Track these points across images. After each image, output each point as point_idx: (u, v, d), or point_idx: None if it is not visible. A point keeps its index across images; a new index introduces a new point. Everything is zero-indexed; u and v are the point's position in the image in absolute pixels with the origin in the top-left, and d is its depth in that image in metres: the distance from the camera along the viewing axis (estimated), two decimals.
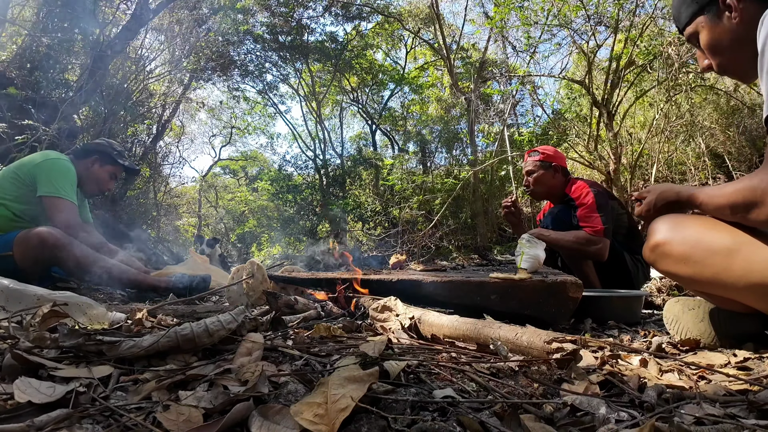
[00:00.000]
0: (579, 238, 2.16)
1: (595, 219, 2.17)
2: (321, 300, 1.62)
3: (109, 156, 2.49)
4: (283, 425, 0.53)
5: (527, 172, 2.52)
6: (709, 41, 1.09)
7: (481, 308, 1.42)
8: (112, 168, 2.51)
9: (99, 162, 2.47)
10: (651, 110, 6.69)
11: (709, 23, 1.07)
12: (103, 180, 2.50)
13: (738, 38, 1.03)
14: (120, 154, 2.55)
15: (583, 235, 2.16)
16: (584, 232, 2.16)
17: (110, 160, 2.49)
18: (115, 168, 2.52)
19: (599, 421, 0.59)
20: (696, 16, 1.09)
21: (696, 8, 1.09)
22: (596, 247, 2.15)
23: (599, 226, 2.15)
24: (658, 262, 1.16)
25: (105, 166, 2.49)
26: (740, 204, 0.97)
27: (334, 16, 9.59)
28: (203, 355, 0.83)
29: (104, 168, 2.49)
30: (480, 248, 6.54)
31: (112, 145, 2.58)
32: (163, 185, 8.77)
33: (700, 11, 1.08)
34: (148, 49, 6.90)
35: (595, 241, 2.14)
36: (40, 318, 0.95)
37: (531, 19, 5.95)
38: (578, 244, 2.16)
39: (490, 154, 7.78)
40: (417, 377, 0.75)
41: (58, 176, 2.24)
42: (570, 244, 2.18)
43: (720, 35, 1.06)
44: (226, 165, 15.07)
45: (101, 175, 2.49)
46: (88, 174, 2.45)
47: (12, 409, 0.56)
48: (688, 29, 1.12)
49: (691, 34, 1.12)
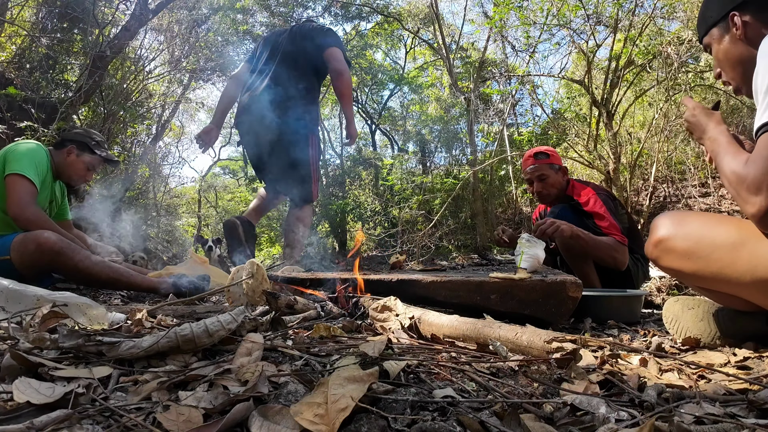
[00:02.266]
0: (612, 245, 2.13)
1: (617, 228, 2.16)
2: (321, 299, 1.62)
3: (86, 146, 2.39)
4: (283, 425, 0.53)
5: (539, 177, 2.39)
6: (717, 53, 1.16)
7: (481, 308, 1.42)
8: (89, 158, 2.40)
9: (75, 151, 2.36)
10: (650, 110, 6.69)
11: (719, 36, 1.14)
12: (79, 170, 2.39)
13: (740, 53, 1.09)
14: (98, 145, 2.44)
15: (614, 242, 2.14)
16: (614, 239, 2.14)
17: (87, 149, 2.39)
18: (93, 158, 2.41)
19: (599, 420, 0.59)
20: (712, 27, 1.16)
21: (711, 21, 1.15)
22: (621, 257, 2.14)
23: (620, 236, 2.15)
24: (661, 258, 1.16)
25: (82, 156, 2.38)
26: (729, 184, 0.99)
27: (333, 16, 9.58)
28: (203, 355, 0.83)
29: (80, 158, 2.38)
30: (479, 248, 6.54)
31: (91, 134, 2.48)
32: (163, 185, 8.77)
33: (714, 24, 1.15)
34: (147, 49, 6.91)
35: (621, 251, 2.14)
36: (40, 319, 0.95)
37: (530, 19, 5.95)
38: (611, 249, 2.13)
39: (489, 153, 7.79)
40: (417, 377, 0.75)
41: (22, 156, 2.13)
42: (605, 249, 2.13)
43: (725, 48, 1.13)
44: (226, 165, 15.06)
45: (77, 165, 2.38)
46: (65, 163, 2.35)
47: (12, 410, 0.56)
48: (705, 40, 1.19)
49: (706, 45, 1.20)
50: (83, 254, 2.08)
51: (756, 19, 1.06)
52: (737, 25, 1.07)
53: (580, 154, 6.23)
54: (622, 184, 5.68)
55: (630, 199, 5.85)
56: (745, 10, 1.07)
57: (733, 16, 1.08)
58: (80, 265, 2.04)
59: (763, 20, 1.04)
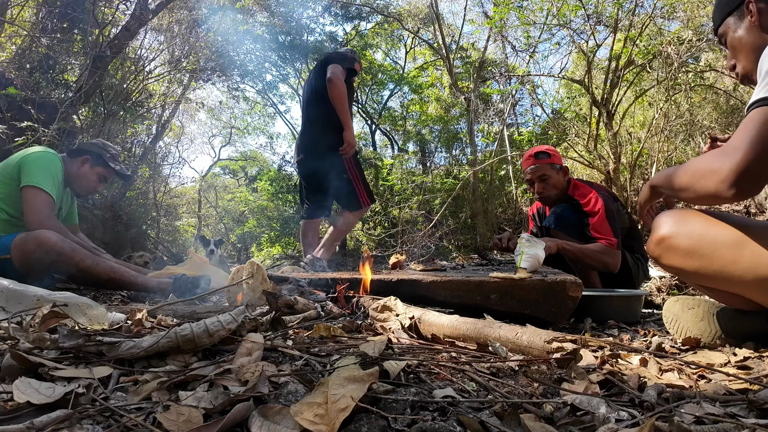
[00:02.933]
0: (599, 251, 2.15)
1: (608, 230, 2.17)
2: (321, 299, 1.62)
3: (101, 158, 2.45)
4: (283, 425, 0.53)
5: (540, 177, 2.37)
6: (731, 41, 1.15)
7: (481, 308, 1.42)
8: (102, 170, 2.46)
9: (90, 162, 2.42)
10: (650, 110, 6.69)
11: (734, 25, 1.14)
12: (91, 181, 2.46)
13: (754, 40, 1.09)
14: (113, 158, 2.51)
15: (602, 248, 2.15)
16: (602, 245, 2.15)
17: (101, 162, 2.45)
18: (106, 171, 2.48)
19: (599, 420, 0.59)
20: (727, 16, 1.15)
21: (727, 10, 1.15)
22: (612, 261, 2.15)
23: (613, 239, 2.15)
24: (663, 257, 1.15)
25: (95, 167, 2.44)
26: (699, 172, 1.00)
27: (333, 16, 9.59)
28: (203, 355, 0.83)
29: (94, 169, 2.44)
30: (479, 248, 6.54)
31: (107, 147, 2.54)
32: (163, 185, 8.76)
33: (729, 13, 1.14)
34: (147, 49, 6.90)
35: (611, 254, 2.15)
36: (40, 319, 0.95)
37: (530, 19, 5.95)
38: (600, 255, 2.15)
39: (489, 153, 7.79)
40: (417, 377, 0.75)
41: (39, 168, 2.18)
42: (593, 256, 2.16)
43: (740, 36, 1.12)
44: (226, 165, 15.08)
45: (90, 176, 2.44)
46: (78, 173, 2.41)
47: (12, 410, 0.56)
48: (720, 30, 1.18)
49: (721, 35, 1.19)
50: (83, 254, 2.08)
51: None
52: (752, 12, 1.07)
53: (580, 154, 6.23)
54: (622, 184, 5.68)
55: (630, 199, 5.84)
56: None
57: (749, 3, 1.08)
58: (81, 265, 2.04)
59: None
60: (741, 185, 0.90)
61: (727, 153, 0.92)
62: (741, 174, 0.89)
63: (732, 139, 0.94)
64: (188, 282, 2.15)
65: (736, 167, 0.90)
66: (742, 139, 0.90)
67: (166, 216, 8.72)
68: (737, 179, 0.90)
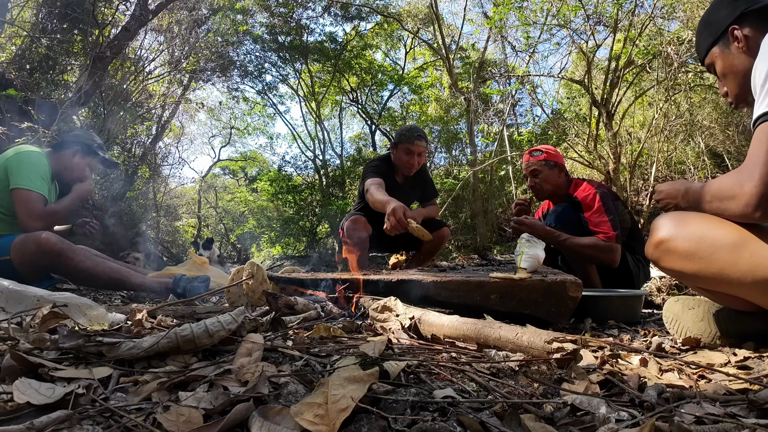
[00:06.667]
0: (594, 244, 2.14)
1: (606, 224, 2.16)
2: (321, 299, 1.62)
3: (90, 148, 2.47)
4: (284, 426, 0.53)
5: (532, 172, 2.46)
6: (721, 70, 1.17)
7: (481, 308, 1.42)
8: (92, 160, 2.48)
9: (80, 153, 2.43)
10: (650, 110, 6.69)
11: (721, 53, 1.15)
12: (82, 171, 2.47)
13: (742, 64, 1.10)
14: (100, 147, 2.53)
15: (598, 241, 2.14)
16: (598, 239, 2.14)
17: (90, 151, 2.47)
18: (95, 160, 2.50)
19: (599, 420, 0.59)
20: (712, 47, 1.17)
21: (711, 40, 1.16)
22: (610, 255, 2.14)
23: (611, 232, 2.14)
24: (662, 259, 1.15)
25: (85, 157, 2.46)
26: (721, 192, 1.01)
27: (333, 17, 9.58)
28: (203, 355, 0.83)
29: (84, 159, 2.45)
30: (480, 248, 6.55)
31: (93, 137, 2.56)
32: (163, 186, 8.77)
33: (714, 42, 1.16)
34: (147, 49, 6.91)
35: (608, 248, 2.13)
36: (40, 319, 0.95)
37: (530, 19, 5.95)
38: (594, 250, 2.14)
39: (489, 154, 7.79)
40: (417, 377, 0.75)
41: (27, 168, 2.18)
42: (586, 250, 2.16)
43: (729, 63, 1.14)
44: (226, 165, 15.07)
45: (81, 166, 2.45)
46: (70, 165, 2.41)
47: (12, 411, 0.56)
48: (707, 60, 1.20)
49: (709, 65, 1.20)
50: (83, 254, 2.08)
51: (756, 30, 1.07)
52: (738, 37, 1.09)
53: (580, 154, 6.23)
54: (622, 184, 5.68)
55: (630, 199, 5.85)
56: (743, 23, 1.09)
57: (734, 30, 1.09)
58: (80, 266, 2.04)
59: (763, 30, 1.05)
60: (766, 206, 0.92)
61: (745, 173, 0.93)
62: (763, 195, 0.91)
63: (748, 157, 0.94)
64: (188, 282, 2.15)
65: (757, 191, 0.91)
66: (758, 158, 0.91)
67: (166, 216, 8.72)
68: (760, 202, 0.91)
